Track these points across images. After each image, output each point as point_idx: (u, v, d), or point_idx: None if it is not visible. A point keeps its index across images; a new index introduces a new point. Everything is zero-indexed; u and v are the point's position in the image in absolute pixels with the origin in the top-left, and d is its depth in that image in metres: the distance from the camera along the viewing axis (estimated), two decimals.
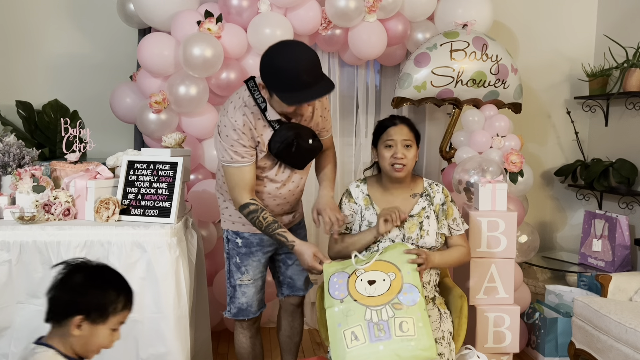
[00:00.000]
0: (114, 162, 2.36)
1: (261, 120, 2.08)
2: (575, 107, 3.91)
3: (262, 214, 2.09)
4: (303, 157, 2.17)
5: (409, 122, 2.24)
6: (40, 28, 3.55)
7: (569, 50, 3.92)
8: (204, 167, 3.19)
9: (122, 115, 3.18)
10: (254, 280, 2.28)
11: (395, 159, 2.15)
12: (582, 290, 3.27)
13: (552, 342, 3.04)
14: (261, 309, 2.34)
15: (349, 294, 1.93)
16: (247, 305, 2.28)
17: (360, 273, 1.98)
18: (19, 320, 2.03)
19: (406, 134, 2.19)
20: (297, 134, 2.08)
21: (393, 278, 1.94)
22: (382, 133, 2.22)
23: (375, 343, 1.82)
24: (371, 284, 1.94)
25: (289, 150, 2.08)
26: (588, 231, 3.59)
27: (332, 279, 2.00)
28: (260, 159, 2.12)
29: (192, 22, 2.93)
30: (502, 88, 3.19)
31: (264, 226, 2.09)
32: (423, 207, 2.22)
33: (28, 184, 2.16)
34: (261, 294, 2.34)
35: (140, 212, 2.18)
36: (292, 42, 1.97)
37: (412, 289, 1.92)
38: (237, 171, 2.09)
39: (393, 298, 1.89)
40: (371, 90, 3.64)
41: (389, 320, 1.85)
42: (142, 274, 2.03)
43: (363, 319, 1.86)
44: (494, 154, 3.07)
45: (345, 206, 2.27)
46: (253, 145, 2.08)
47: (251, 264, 2.27)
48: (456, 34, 3.12)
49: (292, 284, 2.40)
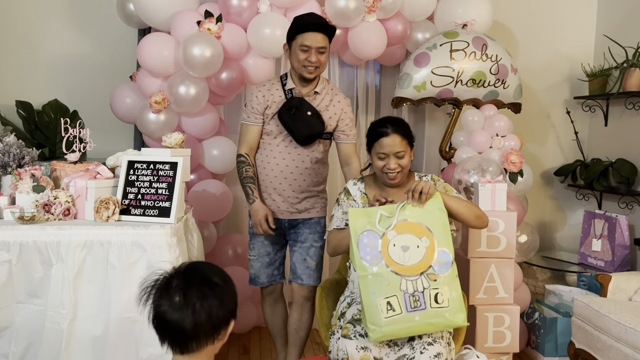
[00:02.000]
0: (114, 162, 2.36)
1: (279, 90, 2.52)
2: (575, 107, 3.91)
3: (245, 167, 2.53)
4: (299, 124, 2.44)
5: (402, 129, 2.17)
6: (40, 28, 3.55)
7: (569, 50, 3.92)
8: (203, 167, 3.19)
9: (122, 115, 3.18)
10: (259, 257, 2.61)
11: (389, 169, 2.15)
12: (582, 290, 3.27)
13: (552, 342, 3.04)
14: (272, 281, 2.64)
15: (382, 260, 1.92)
16: (254, 276, 2.64)
17: (392, 236, 1.95)
18: (19, 320, 2.03)
19: (399, 145, 2.13)
20: (300, 103, 2.45)
21: (427, 245, 1.93)
22: (375, 142, 2.16)
23: (411, 314, 1.87)
24: (405, 251, 1.93)
25: (289, 113, 2.44)
26: (588, 231, 3.59)
27: (361, 238, 1.95)
28: (268, 122, 2.51)
29: (192, 22, 2.93)
30: (501, 88, 3.19)
31: (242, 176, 2.53)
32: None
33: (28, 184, 2.16)
34: (270, 269, 2.62)
35: (140, 212, 2.17)
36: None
37: (445, 255, 1.94)
38: (244, 128, 2.57)
39: (428, 268, 1.91)
40: (371, 90, 3.64)
41: (425, 291, 1.89)
42: (142, 273, 2.02)
43: (399, 290, 1.88)
44: (494, 154, 3.07)
45: (344, 203, 2.27)
46: (261, 112, 2.51)
47: (256, 242, 2.61)
48: (456, 34, 3.12)
49: (294, 269, 2.60)
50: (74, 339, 1.99)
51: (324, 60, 2.44)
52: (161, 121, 2.99)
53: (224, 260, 3.26)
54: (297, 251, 2.58)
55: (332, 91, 2.58)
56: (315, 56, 2.40)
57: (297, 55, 2.41)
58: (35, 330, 2.01)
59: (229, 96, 3.20)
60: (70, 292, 1.98)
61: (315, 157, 2.55)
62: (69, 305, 1.98)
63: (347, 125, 2.58)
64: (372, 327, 1.88)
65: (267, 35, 2.95)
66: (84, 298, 2.01)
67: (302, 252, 2.57)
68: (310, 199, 2.59)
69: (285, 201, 2.55)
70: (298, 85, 2.50)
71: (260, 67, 3.09)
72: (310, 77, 2.46)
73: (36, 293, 2.02)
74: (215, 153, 3.16)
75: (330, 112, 2.54)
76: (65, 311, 1.98)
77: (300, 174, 2.54)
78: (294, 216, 2.58)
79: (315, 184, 2.59)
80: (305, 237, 2.57)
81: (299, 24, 2.41)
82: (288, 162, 2.52)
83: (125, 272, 2.01)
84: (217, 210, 3.17)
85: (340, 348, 2.00)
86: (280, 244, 2.65)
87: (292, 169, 2.52)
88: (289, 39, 2.47)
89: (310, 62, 2.40)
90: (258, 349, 3.25)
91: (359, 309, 2.09)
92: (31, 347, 2.02)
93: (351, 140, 2.61)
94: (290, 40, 2.45)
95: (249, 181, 2.51)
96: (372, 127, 2.21)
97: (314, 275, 2.58)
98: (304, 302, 2.61)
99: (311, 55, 2.40)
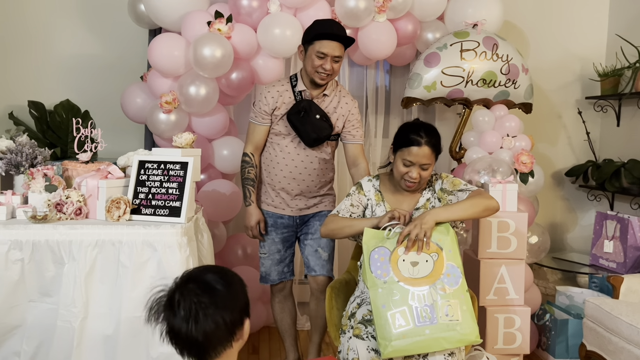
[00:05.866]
0: (124, 162, 2.38)
1: (289, 92, 2.54)
2: (587, 107, 3.88)
3: (248, 168, 2.59)
4: (307, 127, 2.46)
5: (434, 140, 2.11)
6: (52, 29, 3.58)
7: (580, 50, 3.89)
8: (213, 167, 3.20)
9: (133, 115, 3.20)
10: (270, 254, 2.65)
11: (410, 178, 2.13)
12: (593, 292, 3.24)
13: (563, 343, 3.02)
14: (282, 279, 2.68)
15: (392, 274, 1.92)
16: (265, 273, 2.68)
17: (401, 252, 1.96)
18: (30, 318, 2.05)
19: (427, 157, 2.10)
20: (309, 106, 2.48)
21: (436, 259, 1.94)
22: (404, 147, 2.11)
23: (421, 327, 1.85)
24: (414, 266, 1.93)
25: (297, 115, 2.46)
26: (599, 232, 3.56)
27: (372, 254, 1.98)
28: (276, 122, 2.54)
29: (203, 22, 2.94)
30: (512, 88, 3.17)
31: (243, 177, 2.60)
32: (427, 197, 2.23)
33: (40, 184, 2.18)
34: (280, 267, 2.66)
35: (150, 211, 2.18)
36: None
37: (454, 269, 1.93)
38: (252, 127, 2.60)
39: (437, 281, 1.90)
40: (380, 91, 3.63)
41: (434, 304, 1.87)
42: (152, 273, 2.04)
43: (408, 302, 1.88)
44: (504, 154, 3.05)
45: (354, 195, 2.27)
46: (269, 112, 2.53)
47: (267, 240, 2.65)
48: (466, 33, 3.11)
49: (307, 263, 2.65)
50: (85, 338, 2.01)
51: (337, 69, 2.47)
52: (172, 121, 3.01)
53: (233, 260, 3.26)
54: (309, 244, 2.62)
55: (340, 93, 2.60)
56: (330, 64, 2.42)
57: (312, 60, 2.43)
58: (47, 328, 2.03)
59: (239, 96, 3.21)
60: (82, 291, 1.99)
61: (323, 157, 2.60)
62: (81, 303, 1.99)
63: (353, 126, 2.60)
64: (382, 342, 1.88)
65: (277, 35, 2.95)
66: (95, 297, 2.02)
67: (313, 244, 2.61)
68: (318, 197, 2.64)
69: (294, 199, 2.60)
70: (308, 87, 2.53)
71: (270, 67, 3.10)
72: (322, 83, 2.48)
73: (48, 292, 2.04)
74: (225, 153, 3.16)
75: (338, 114, 2.57)
76: (76, 310, 1.99)
77: (308, 175, 2.57)
78: (304, 212, 2.63)
79: (322, 184, 2.63)
80: (316, 228, 2.60)
81: (320, 32, 2.40)
82: (297, 163, 2.56)
83: (136, 271, 2.02)
84: (227, 210, 3.18)
85: (351, 347, 2.00)
86: (290, 242, 2.69)
87: (300, 170, 2.56)
88: (305, 42, 2.47)
89: (325, 69, 2.43)
90: (267, 349, 3.25)
91: (369, 309, 2.09)
92: (43, 346, 2.04)
93: (358, 141, 2.63)
94: (307, 44, 2.45)
95: (249, 183, 2.58)
96: (405, 131, 2.15)
97: (326, 266, 2.62)
98: (319, 294, 2.64)
99: (326, 63, 2.41)
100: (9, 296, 2.01)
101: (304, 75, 2.53)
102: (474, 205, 2.07)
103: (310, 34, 2.44)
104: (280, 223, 2.63)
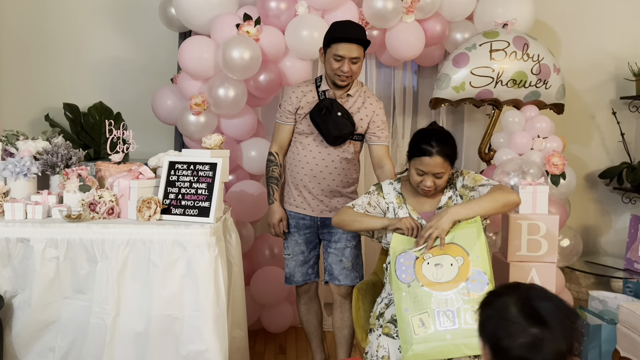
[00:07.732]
0: (155, 163, 2.42)
1: (313, 92, 2.57)
2: (622, 108, 3.78)
3: (272, 167, 2.62)
4: (329, 124, 2.47)
5: (446, 148, 2.06)
6: (86, 33, 3.67)
7: (615, 49, 3.80)
8: (242, 168, 3.24)
9: (163, 117, 3.26)
10: (293, 256, 2.66)
11: (424, 186, 2.11)
12: (628, 297, 3.16)
13: (596, 349, 2.95)
14: (306, 280, 2.68)
15: (415, 278, 1.92)
16: (289, 274, 2.69)
17: (427, 257, 1.95)
18: (65, 315, 2.11)
19: (439, 167, 2.05)
20: (330, 104, 2.48)
21: (461, 264, 1.91)
22: (416, 157, 2.09)
23: (442, 331, 1.83)
24: (438, 268, 1.91)
25: (319, 113, 2.47)
26: (634, 236, 3.47)
27: (399, 259, 1.98)
28: (300, 121, 2.57)
29: (231, 25, 2.97)
30: (543, 88, 3.11)
31: (267, 175, 2.62)
32: (449, 196, 2.20)
33: (75, 184, 2.24)
34: (304, 268, 2.66)
35: (180, 211, 2.22)
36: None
37: (480, 275, 1.89)
38: (277, 126, 2.64)
39: (461, 285, 1.87)
40: (408, 92, 3.61)
41: (457, 309, 1.85)
42: (182, 272, 2.08)
43: (430, 306, 1.86)
44: (535, 155, 3.00)
45: (373, 194, 2.26)
46: (292, 111, 2.57)
47: (290, 241, 2.66)
48: (496, 33, 3.07)
49: (331, 270, 2.62)
50: (117, 334, 2.05)
51: (356, 70, 2.46)
52: (201, 123, 3.05)
53: (260, 260, 3.29)
54: (333, 253, 2.60)
55: (365, 94, 2.60)
56: (348, 66, 2.42)
57: (330, 63, 2.44)
58: (80, 325, 2.08)
59: (267, 98, 3.24)
60: (114, 289, 2.04)
61: (345, 157, 2.58)
62: (113, 301, 2.04)
63: (378, 127, 2.60)
64: (404, 345, 1.87)
65: (305, 37, 2.96)
66: (127, 295, 2.06)
67: (337, 254, 2.59)
68: (340, 198, 2.62)
69: (315, 199, 2.59)
70: (331, 88, 2.54)
71: (297, 68, 3.11)
72: (342, 84, 2.49)
73: (82, 289, 2.09)
74: (253, 154, 3.19)
75: (362, 114, 2.56)
76: (109, 307, 2.04)
77: (329, 174, 2.57)
78: (325, 214, 2.61)
79: (345, 184, 2.62)
80: (339, 237, 2.58)
81: (335, 35, 2.43)
82: (318, 161, 2.57)
83: (166, 270, 2.06)
84: (255, 210, 3.21)
85: (382, 345, 2.00)
86: (314, 243, 2.68)
87: (321, 168, 2.57)
88: (324, 45, 2.50)
89: (343, 71, 2.43)
90: (294, 349, 3.27)
91: None
92: (76, 342, 2.10)
93: (383, 142, 2.62)
94: (326, 47, 2.47)
95: (272, 181, 2.61)
96: (417, 140, 2.12)
97: (350, 275, 2.60)
98: (343, 301, 2.63)
99: (344, 65, 2.42)
100: (44, 293, 2.07)
101: (327, 77, 2.55)
102: (493, 200, 2.03)
103: (327, 37, 2.47)
104: (302, 224, 2.63)
